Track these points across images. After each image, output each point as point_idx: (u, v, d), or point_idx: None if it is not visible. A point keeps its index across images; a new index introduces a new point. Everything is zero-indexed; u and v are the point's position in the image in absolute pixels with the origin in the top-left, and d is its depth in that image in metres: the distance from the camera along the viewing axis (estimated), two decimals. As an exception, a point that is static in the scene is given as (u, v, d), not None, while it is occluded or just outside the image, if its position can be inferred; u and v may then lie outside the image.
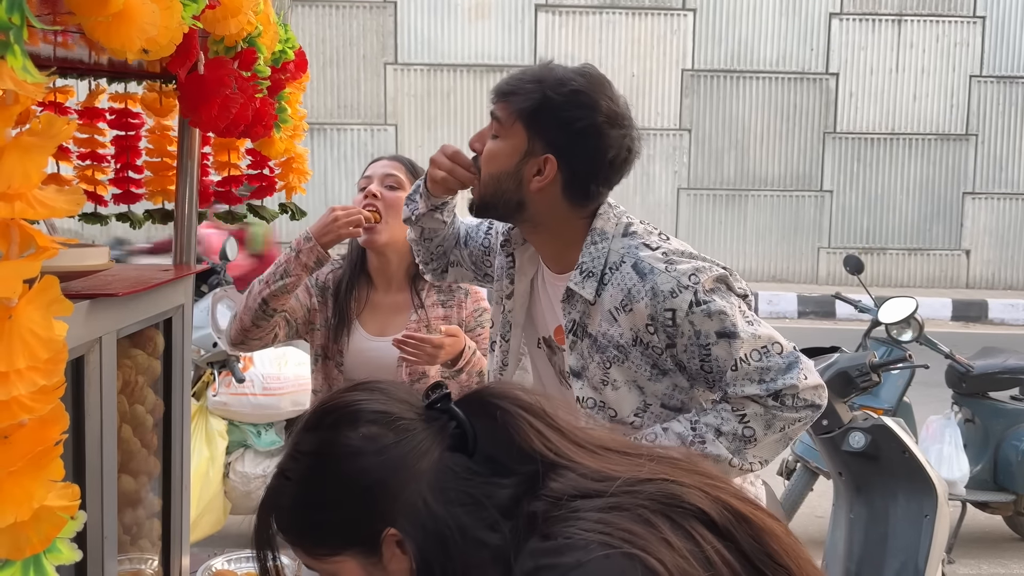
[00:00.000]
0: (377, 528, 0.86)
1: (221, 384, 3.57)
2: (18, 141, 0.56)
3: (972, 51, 9.98)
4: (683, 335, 1.41)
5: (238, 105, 1.01)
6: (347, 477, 0.87)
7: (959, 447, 3.78)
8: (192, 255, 1.68)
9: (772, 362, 1.41)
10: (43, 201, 0.56)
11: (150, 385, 1.53)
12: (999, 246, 10.20)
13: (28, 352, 0.55)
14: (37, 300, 0.57)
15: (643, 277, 1.42)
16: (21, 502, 0.55)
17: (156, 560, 1.59)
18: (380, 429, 0.88)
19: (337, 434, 0.89)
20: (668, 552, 0.79)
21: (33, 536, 0.56)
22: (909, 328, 3.75)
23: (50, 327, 0.57)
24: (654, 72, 9.86)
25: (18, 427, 0.56)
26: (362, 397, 0.92)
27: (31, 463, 0.56)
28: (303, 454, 0.91)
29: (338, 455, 0.88)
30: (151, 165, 1.74)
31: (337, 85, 9.69)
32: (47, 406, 0.56)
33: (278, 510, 0.91)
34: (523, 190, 1.44)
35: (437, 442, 0.88)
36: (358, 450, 0.87)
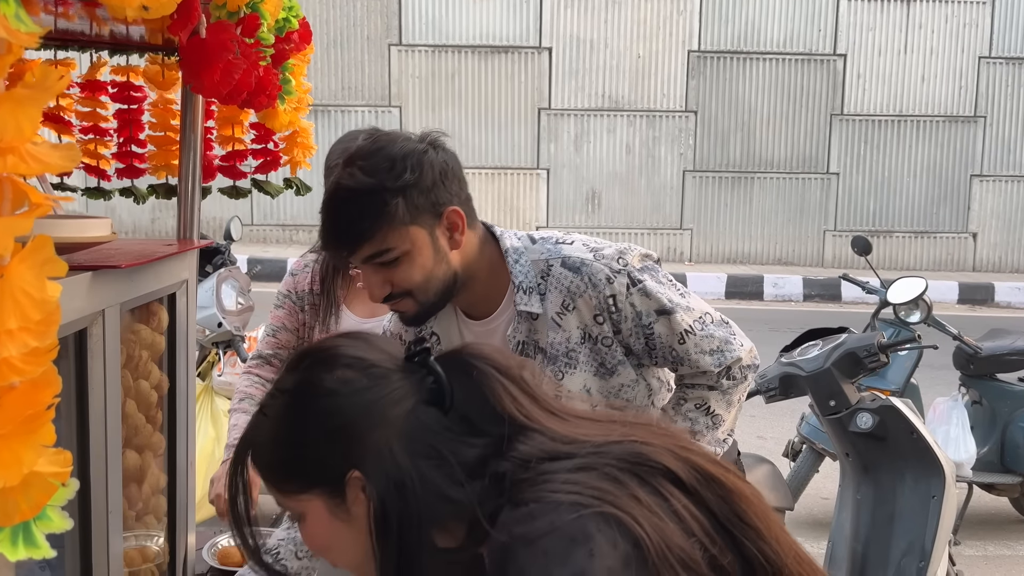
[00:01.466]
0: (343, 470, 0.88)
1: (226, 364, 3.56)
2: (11, 93, 0.54)
3: (981, 32, 9.88)
4: (626, 319, 1.43)
5: (241, 71, 0.99)
6: (318, 417, 0.89)
7: (966, 429, 3.77)
8: (196, 231, 1.67)
9: (711, 331, 1.45)
10: (36, 156, 0.54)
11: (154, 361, 1.51)
12: (1006, 229, 10.14)
13: (20, 313, 0.54)
14: (30, 259, 0.55)
15: (577, 271, 1.42)
16: (10, 467, 0.53)
17: (162, 537, 1.59)
18: (355, 373, 0.90)
19: (313, 375, 0.91)
20: (638, 507, 0.80)
21: (23, 502, 0.54)
22: (917, 309, 3.72)
23: (43, 288, 0.55)
24: (660, 53, 9.79)
25: (8, 390, 0.55)
26: (343, 343, 0.94)
27: (21, 427, 0.54)
28: (280, 392, 0.94)
29: (312, 394, 0.90)
30: (154, 139, 1.72)
31: (341, 66, 9.64)
32: (39, 368, 0.54)
33: (254, 446, 0.94)
34: (448, 262, 1.37)
35: (412, 394, 0.89)
36: (331, 391, 0.89)
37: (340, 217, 1.32)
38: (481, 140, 9.83)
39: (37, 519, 0.55)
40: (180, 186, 1.62)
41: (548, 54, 9.76)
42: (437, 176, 1.33)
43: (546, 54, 9.76)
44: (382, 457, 0.87)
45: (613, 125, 9.83)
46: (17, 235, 0.52)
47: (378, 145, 1.32)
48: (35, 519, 0.55)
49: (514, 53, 9.74)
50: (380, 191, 1.28)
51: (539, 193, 9.93)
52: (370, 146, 1.33)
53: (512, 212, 9.93)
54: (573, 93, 9.80)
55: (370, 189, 1.28)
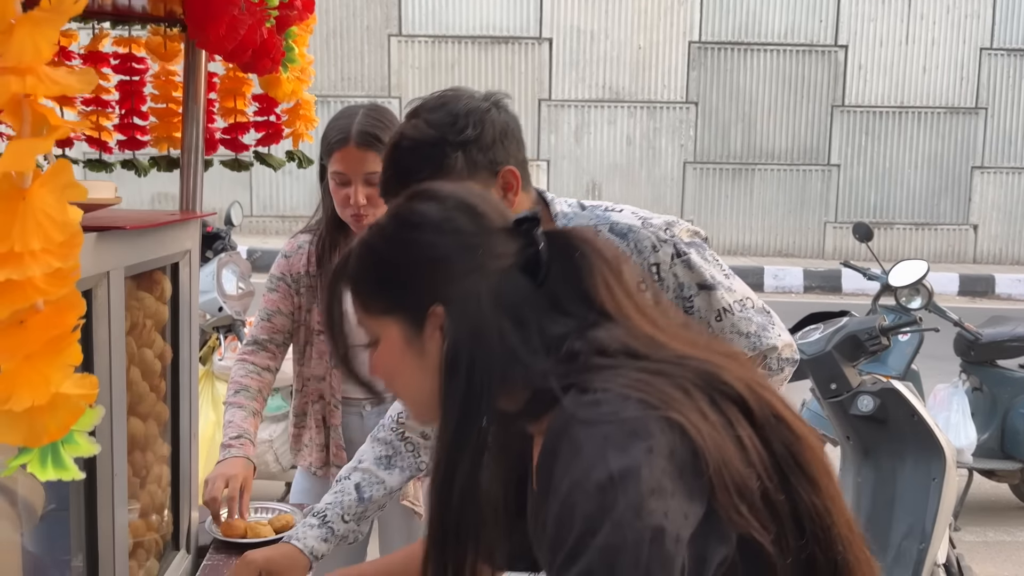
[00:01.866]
0: (428, 302, 0.89)
1: (227, 349, 3.57)
2: (29, 15, 0.54)
3: (983, 23, 9.87)
4: (668, 289, 1.44)
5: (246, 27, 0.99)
6: (419, 245, 0.90)
7: (966, 415, 3.78)
8: (199, 203, 1.66)
9: (753, 317, 1.46)
10: (54, 78, 0.54)
11: (158, 331, 1.51)
12: (1007, 221, 10.15)
13: (42, 234, 0.54)
14: (51, 183, 0.56)
15: (624, 237, 1.44)
16: (38, 386, 0.54)
17: (166, 506, 1.59)
18: (464, 216, 0.91)
19: (423, 205, 0.92)
20: (704, 422, 0.79)
21: (50, 423, 0.55)
22: (918, 295, 3.73)
23: (64, 210, 0.55)
24: (661, 44, 9.78)
25: (33, 312, 0.55)
26: (458, 188, 0.96)
27: (48, 347, 0.54)
28: (389, 215, 0.95)
29: (416, 223, 0.91)
30: (156, 111, 1.71)
31: (340, 57, 9.63)
32: (62, 290, 0.55)
33: (354, 257, 0.95)
34: None
35: (511, 255, 0.89)
36: (436, 225, 0.90)
37: (400, 165, 1.33)
38: (481, 131, 9.81)
39: (64, 441, 0.56)
40: (182, 158, 1.61)
41: (548, 45, 9.74)
42: (497, 135, 1.35)
43: (546, 45, 9.75)
44: (468, 301, 0.87)
45: (614, 116, 9.83)
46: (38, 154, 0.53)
47: (443, 100, 1.35)
48: (63, 441, 0.56)
49: (514, 44, 9.73)
50: (442, 144, 1.31)
51: (539, 184, 9.90)
52: (436, 101, 1.35)
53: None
54: (573, 84, 9.79)
55: (433, 141, 1.31)
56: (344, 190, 1.80)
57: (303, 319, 1.95)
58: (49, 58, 0.54)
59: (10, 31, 0.53)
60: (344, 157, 1.77)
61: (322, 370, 1.94)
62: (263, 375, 1.93)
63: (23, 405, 0.53)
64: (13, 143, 0.54)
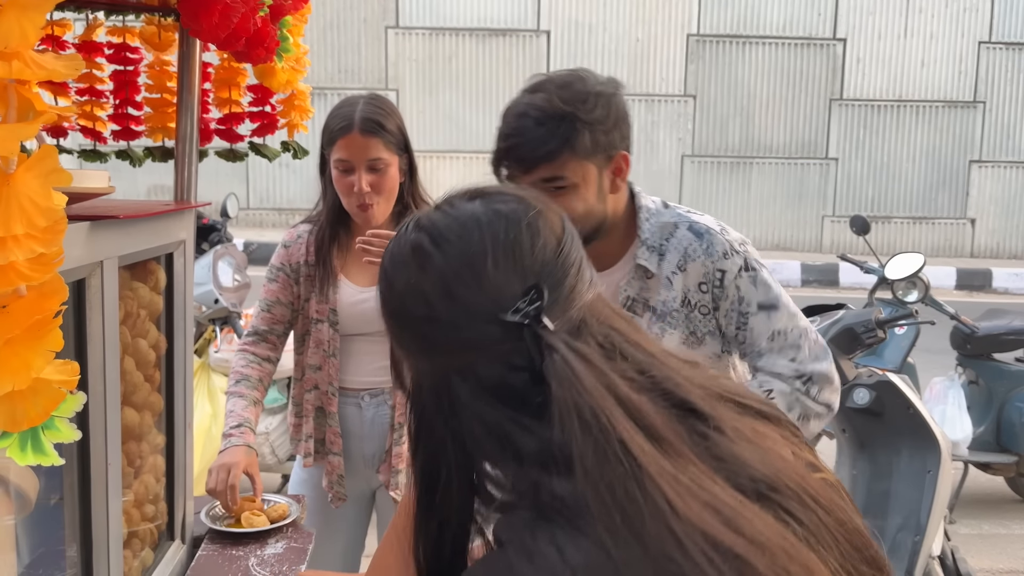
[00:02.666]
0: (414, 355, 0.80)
1: (223, 341, 3.56)
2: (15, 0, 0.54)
3: (981, 17, 9.86)
4: (727, 298, 1.46)
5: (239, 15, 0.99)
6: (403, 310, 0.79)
7: (962, 408, 3.79)
8: (193, 193, 1.66)
9: (805, 345, 1.45)
10: (40, 63, 0.54)
11: (152, 321, 1.51)
12: (1004, 215, 10.15)
13: (26, 219, 0.54)
14: (36, 168, 0.55)
15: (699, 236, 1.47)
16: (19, 371, 0.53)
17: (161, 496, 1.59)
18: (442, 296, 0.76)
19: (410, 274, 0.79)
20: None
21: (31, 409, 0.55)
22: (915, 288, 3.73)
23: (48, 196, 0.55)
24: (659, 37, 9.75)
25: (16, 297, 0.55)
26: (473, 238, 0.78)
27: (29, 332, 0.54)
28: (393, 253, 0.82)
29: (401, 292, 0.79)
30: (151, 101, 1.71)
31: (338, 49, 9.60)
32: (45, 275, 0.54)
33: (393, 297, 0.82)
34: (605, 203, 1.42)
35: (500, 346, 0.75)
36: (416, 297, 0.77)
37: (527, 135, 1.33)
38: (478, 124, 9.80)
39: (45, 427, 0.56)
40: (177, 148, 1.61)
41: (546, 37, 9.72)
42: (620, 119, 1.38)
43: (544, 37, 9.72)
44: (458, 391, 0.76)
45: (611, 109, 9.81)
46: (23, 139, 0.52)
47: (571, 78, 1.36)
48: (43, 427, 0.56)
49: (512, 36, 9.70)
50: (573, 119, 1.32)
51: (537, 177, 9.91)
52: (564, 78, 1.37)
53: (510, 196, 9.91)
54: (571, 77, 9.76)
55: (564, 115, 1.32)
56: (348, 178, 1.81)
57: (302, 308, 1.95)
58: (35, 42, 0.53)
59: (-4, 14, 0.53)
60: (348, 144, 1.78)
61: (319, 359, 1.94)
62: (264, 365, 1.94)
63: (3, 390, 0.53)
64: (-2, 127, 0.53)
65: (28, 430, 0.55)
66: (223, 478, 1.72)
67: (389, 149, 1.82)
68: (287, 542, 1.71)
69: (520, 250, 0.77)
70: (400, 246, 0.82)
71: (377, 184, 1.80)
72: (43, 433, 0.55)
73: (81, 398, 0.58)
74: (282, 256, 1.97)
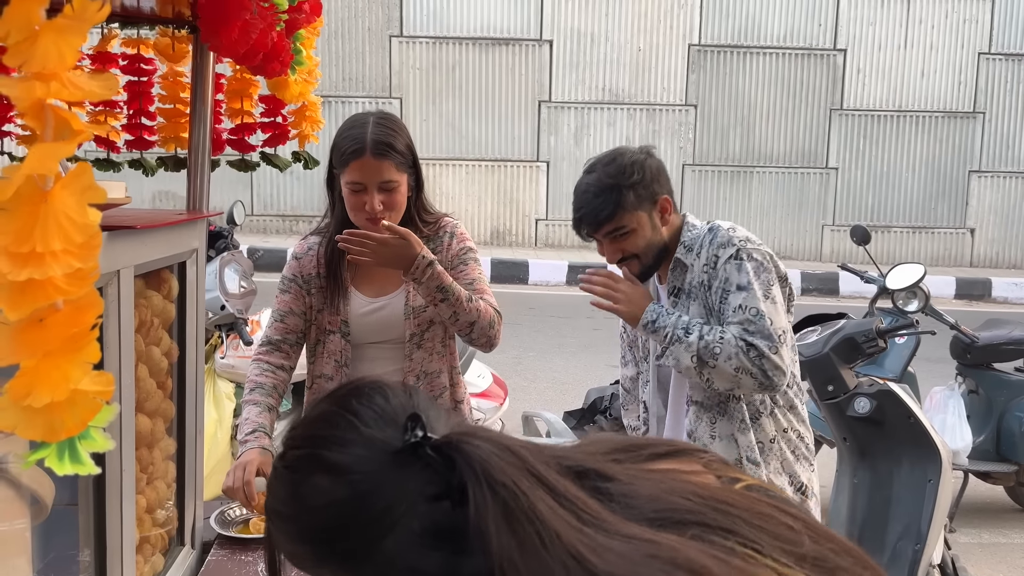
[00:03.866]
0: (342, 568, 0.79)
1: (229, 347, 3.58)
2: (53, 23, 0.56)
3: (981, 28, 9.91)
4: (718, 277, 1.85)
5: (257, 31, 1.01)
6: (311, 528, 0.80)
7: (962, 417, 3.80)
8: (205, 203, 1.68)
9: (760, 325, 1.79)
10: (77, 83, 0.56)
11: (165, 329, 1.53)
12: (1004, 225, 10.18)
13: (63, 235, 0.56)
14: (72, 185, 0.57)
15: (712, 231, 1.91)
16: (57, 383, 0.55)
17: (171, 502, 1.61)
18: (336, 484, 0.77)
19: (299, 480, 0.81)
20: None
21: (68, 419, 0.56)
22: (915, 298, 3.75)
23: (84, 212, 0.57)
24: (660, 47, 9.80)
25: (53, 311, 0.57)
26: (327, 433, 0.80)
27: (66, 345, 0.56)
28: (275, 496, 0.83)
29: (302, 507, 0.80)
30: (164, 112, 1.73)
31: (342, 57, 9.64)
32: (82, 289, 0.56)
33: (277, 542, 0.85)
34: (661, 235, 1.92)
35: (407, 492, 0.75)
36: (317, 506, 0.78)
37: (589, 206, 1.86)
38: (481, 132, 9.84)
39: (81, 437, 0.57)
40: (190, 158, 1.63)
41: (549, 47, 9.77)
42: (654, 175, 1.89)
43: (547, 47, 9.77)
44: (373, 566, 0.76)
45: (613, 118, 9.85)
46: (61, 158, 0.54)
47: (612, 156, 1.91)
48: (79, 437, 0.57)
49: (515, 45, 9.75)
50: (619, 187, 1.85)
51: (539, 185, 9.94)
52: (607, 157, 1.92)
53: (512, 204, 9.94)
54: (573, 86, 9.81)
55: (612, 186, 1.85)
56: (360, 197, 1.83)
57: (314, 319, 1.97)
58: (73, 65, 0.55)
59: (35, 38, 0.55)
60: (360, 167, 1.81)
61: (331, 369, 1.96)
62: (278, 373, 1.96)
63: (42, 401, 0.55)
64: (37, 147, 0.55)
65: (65, 440, 0.57)
66: (239, 476, 1.74)
67: (400, 169, 1.84)
68: (295, 548, 1.72)
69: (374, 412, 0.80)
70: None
71: (388, 202, 1.84)
72: (79, 443, 0.57)
73: (115, 408, 0.60)
74: (294, 268, 1.98)
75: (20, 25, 0.54)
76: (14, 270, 0.55)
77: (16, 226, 0.55)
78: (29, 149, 0.57)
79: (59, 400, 0.56)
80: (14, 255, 0.55)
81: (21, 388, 0.58)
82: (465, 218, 9.69)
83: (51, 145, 0.56)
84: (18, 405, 0.56)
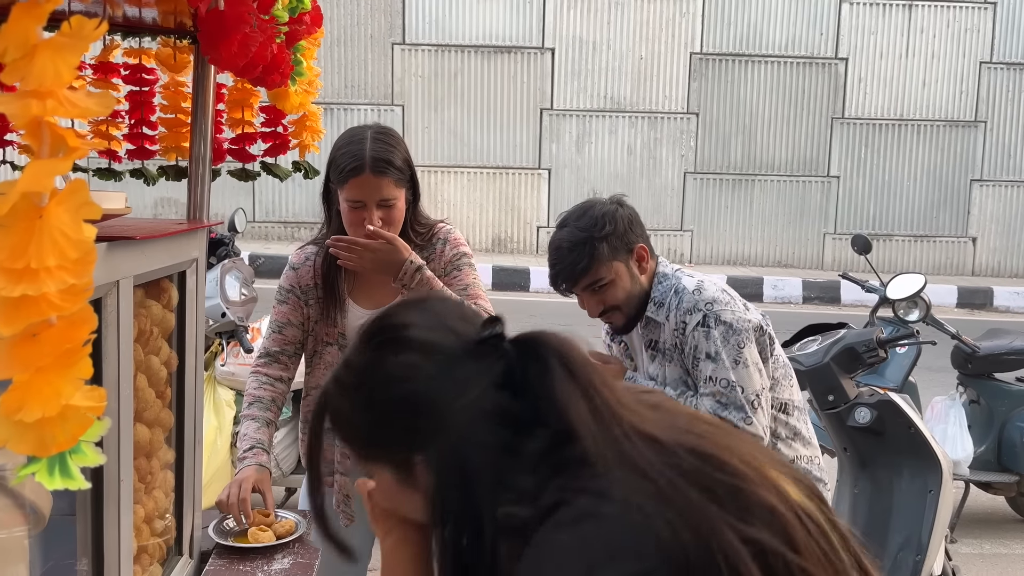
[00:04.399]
0: (408, 451, 0.89)
1: (229, 354, 3.58)
2: (50, 41, 0.57)
3: (982, 37, 9.92)
4: (687, 343, 1.87)
5: (257, 44, 1.02)
6: (384, 399, 0.89)
7: (963, 427, 3.79)
8: (206, 212, 1.69)
9: (731, 396, 1.83)
10: (73, 101, 0.56)
11: (164, 338, 1.53)
12: (1006, 234, 10.17)
13: (58, 251, 0.56)
14: (67, 202, 0.58)
15: (677, 294, 1.91)
16: (49, 398, 0.55)
17: (170, 512, 1.61)
18: (422, 359, 0.88)
19: (381, 357, 0.90)
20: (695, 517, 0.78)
21: (59, 434, 0.57)
22: (916, 308, 3.74)
23: (79, 229, 0.57)
24: (662, 55, 9.82)
25: (47, 326, 0.57)
26: (412, 320, 0.92)
27: (59, 361, 0.56)
28: (351, 368, 0.93)
29: (379, 379, 0.90)
30: (165, 121, 1.74)
31: (344, 65, 9.67)
32: (76, 305, 0.57)
33: (332, 410, 0.94)
34: (640, 283, 1.92)
35: (481, 379, 0.87)
36: (398, 377, 0.89)
37: (564, 262, 1.86)
38: (483, 140, 9.85)
39: (72, 452, 0.58)
40: (191, 167, 1.64)
41: (551, 55, 9.79)
42: (627, 225, 1.88)
43: (548, 55, 9.79)
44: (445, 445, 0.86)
45: (615, 126, 9.86)
46: (57, 175, 0.55)
47: (584, 209, 1.89)
48: (70, 452, 0.58)
49: (517, 53, 9.77)
50: (591, 240, 1.83)
51: (540, 193, 9.95)
52: (578, 211, 1.90)
53: (513, 212, 9.95)
54: (575, 94, 9.83)
55: (584, 240, 1.83)
56: (359, 213, 1.83)
57: (312, 329, 1.97)
58: (70, 82, 0.56)
59: (32, 56, 0.56)
60: (360, 184, 1.80)
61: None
62: (276, 385, 1.95)
63: (34, 416, 0.55)
64: (33, 164, 0.56)
65: (56, 455, 0.57)
66: (235, 492, 1.74)
67: (398, 185, 1.84)
68: (293, 558, 1.72)
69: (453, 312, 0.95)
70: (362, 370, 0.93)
71: (386, 217, 1.84)
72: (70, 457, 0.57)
73: (106, 423, 0.60)
74: (291, 278, 1.97)
75: (18, 43, 0.55)
76: (8, 286, 0.55)
77: (11, 242, 0.56)
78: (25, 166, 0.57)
79: (50, 415, 0.56)
80: (9, 271, 0.55)
81: (13, 403, 0.58)
82: (467, 225, 9.70)
83: (47, 162, 0.56)
84: (9, 419, 0.56)
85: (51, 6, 0.55)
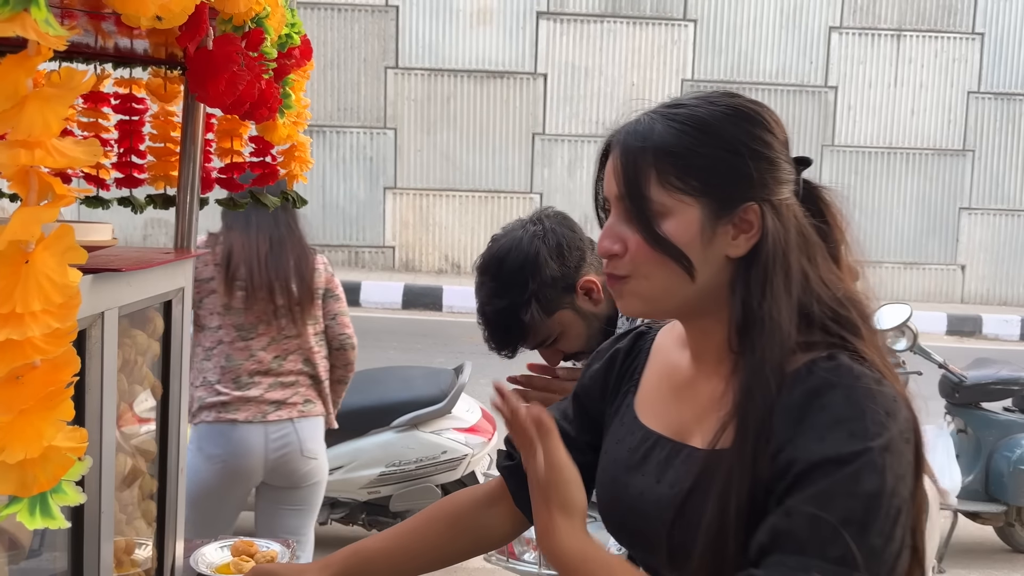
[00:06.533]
0: (745, 197, 0.91)
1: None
2: (39, 92, 0.58)
3: (970, 67, 10.05)
4: None
5: (245, 82, 1.03)
6: (756, 139, 0.94)
7: (951, 457, 3.80)
8: (193, 240, 1.69)
9: None
10: (61, 150, 0.57)
11: (149, 367, 1.53)
12: (994, 262, 10.25)
13: (43, 296, 0.57)
14: (53, 247, 0.58)
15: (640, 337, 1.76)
16: (31, 440, 0.56)
17: (150, 543, 1.60)
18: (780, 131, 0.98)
19: (757, 107, 0.98)
20: None
21: (40, 475, 0.57)
22: (903, 337, 3.77)
23: (65, 273, 0.58)
24: (654, 81, 9.91)
25: (30, 368, 0.58)
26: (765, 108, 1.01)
27: (42, 403, 0.57)
28: (725, 104, 0.96)
29: (756, 119, 0.96)
30: (154, 150, 1.74)
31: (337, 88, 9.72)
32: (59, 349, 0.57)
33: (676, 128, 0.94)
34: (598, 317, 1.60)
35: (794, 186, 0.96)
36: (770, 128, 0.96)
37: (495, 333, 1.56)
38: (475, 164, 9.90)
39: (53, 492, 0.58)
40: (179, 196, 1.64)
41: (543, 80, 9.87)
42: (555, 263, 1.51)
43: (541, 80, 9.87)
44: (785, 209, 0.93)
45: (606, 151, 9.92)
46: (43, 223, 0.56)
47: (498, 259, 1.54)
48: (51, 491, 0.58)
49: (509, 78, 9.85)
50: (515, 308, 1.50)
51: (532, 217, 9.99)
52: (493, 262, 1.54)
53: (505, 235, 9.98)
54: (567, 119, 9.90)
55: (507, 308, 1.51)
56: None
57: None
58: (58, 132, 0.57)
59: (22, 106, 0.57)
60: None
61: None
62: None
63: (16, 458, 0.56)
64: (20, 211, 0.57)
65: (37, 495, 0.57)
66: None
67: None
68: (276, 588, 1.71)
69: None
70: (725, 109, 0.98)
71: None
72: (51, 497, 0.58)
73: (88, 463, 0.61)
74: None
75: (7, 94, 0.56)
76: (-8, 331, 0.56)
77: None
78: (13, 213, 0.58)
79: (32, 456, 0.57)
80: (-7, 316, 0.56)
81: (-5, 444, 0.59)
82: (458, 248, 9.73)
83: (35, 209, 0.57)
84: (-9, 461, 0.57)
85: (39, 60, 0.56)
